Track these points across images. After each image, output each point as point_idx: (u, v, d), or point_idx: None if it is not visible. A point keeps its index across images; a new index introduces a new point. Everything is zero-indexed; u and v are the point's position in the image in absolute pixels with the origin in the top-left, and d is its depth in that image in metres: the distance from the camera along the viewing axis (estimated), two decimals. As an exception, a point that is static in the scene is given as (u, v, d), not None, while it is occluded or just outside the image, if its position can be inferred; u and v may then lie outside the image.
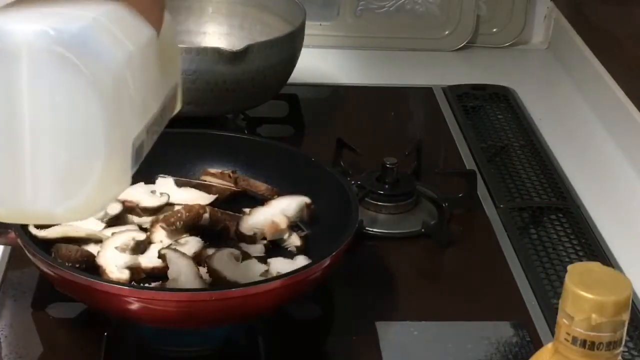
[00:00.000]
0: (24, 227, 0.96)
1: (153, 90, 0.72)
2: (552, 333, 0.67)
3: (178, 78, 0.80)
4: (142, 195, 1.07)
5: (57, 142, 0.63)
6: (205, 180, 1.14)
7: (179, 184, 1.12)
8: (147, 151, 0.71)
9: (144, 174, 1.08)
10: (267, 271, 0.99)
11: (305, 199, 1.08)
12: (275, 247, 1.06)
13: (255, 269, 0.99)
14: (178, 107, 0.81)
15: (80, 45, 0.62)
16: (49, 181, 0.63)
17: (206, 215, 1.04)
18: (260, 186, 1.12)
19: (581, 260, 1.14)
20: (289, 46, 1.31)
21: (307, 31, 1.34)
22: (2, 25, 0.61)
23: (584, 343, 0.63)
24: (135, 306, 0.89)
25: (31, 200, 0.64)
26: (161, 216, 1.05)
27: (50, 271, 0.92)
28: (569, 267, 0.65)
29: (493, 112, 1.48)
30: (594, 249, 1.16)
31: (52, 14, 0.63)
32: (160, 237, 1.03)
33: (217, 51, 1.24)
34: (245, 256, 1.01)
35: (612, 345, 0.64)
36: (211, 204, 1.09)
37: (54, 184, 0.64)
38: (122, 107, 0.64)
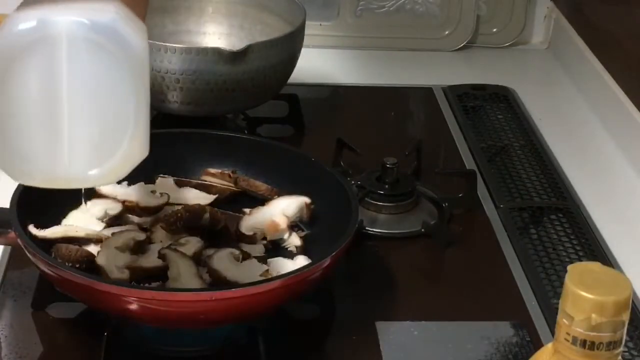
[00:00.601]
0: (24, 227, 0.97)
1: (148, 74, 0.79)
2: (552, 333, 0.67)
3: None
4: (142, 195, 1.07)
5: (92, 116, 0.72)
6: (205, 180, 1.14)
7: (179, 184, 1.12)
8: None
9: (144, 174, 1.09)
10: (267, 271, 0.99)
11: (305, 199, 1.08)
12: (275, 247, 1.06)
13: (255, 269, 0.99)
14: None
15: (112, 34, 0.70)
16: (84, 149, 0.72)
17: (206, 215, 1.04)
18: (260, 186, 1.12)
19: (581, 260, 1.14)
20: (289, 46, 1.31)
21: (307, 31, 1.34)
22: (46, 16, 0.70)
23: (584, 343, 0.63)
24: (135, 306, 0.90)
25: (67, 166, 0.73)
26: (161, 216, 1.05)
27: (50, 271, 0.92)
28: (569, 267, 0.65)
29: (493, 112, 1.48)
30: (594, 249, 1.16)
31: (80, 7, 0.71)
32: (160, 237, 1.03)
33: (217, 51, 1.24)
34: (245, 256, 1.01)
35: (612, 345, 0.64)
36: (211, 204, 1.09)
37: (88, 152, 0.73)
38: (145, 86, 0.73)
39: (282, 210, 1.07)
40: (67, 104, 0.71)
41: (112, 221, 1.06)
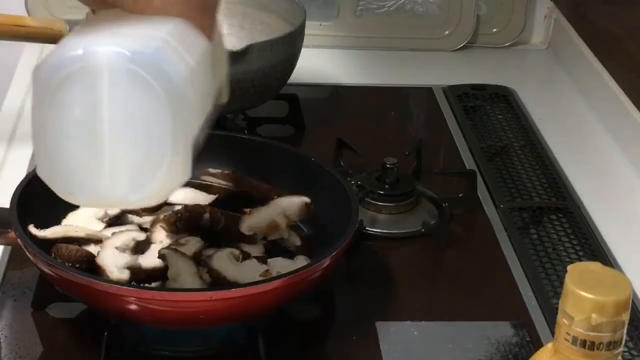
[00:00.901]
0: (24, 227, 0.97)
1: (207, 92, 0.83)
2: (552, 333, 0.67)
3: (225, 74, 0.91)
4: (142, 195, 1.07)
5: (131, 142, 0.74)
6: (205, 180, 1.14)
7: (179, 184, 1.12)
8: (201, 146, 0.82)
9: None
10: (267, 271, 0.99)
11: (305, 199, 1.08)
12: (275, 247, 1.06)
13: (255, 269, 0.99)
14: (224, 100, 0.91)
15: (153, 65, 0.72)
16: (125, 173, 0.75)
17: (206, 215, 1.04)
18: (260, 186, 1.12)
19: (581, 260, 1.14)
20: (289, 46, 1.31)
21: (307, 31, 1.34)
22: (88, 47, 0.72)
23: (584, 343, 0.64)
24: (135, 306, 0.90)
25: (109, 189, 0.75)
26: (161, 216, 1.05)
27: (50, 271, 0.92)
28: (569, 267, 0.65)
29: (493, 112, 1.48)
30: (594, 249, 1.16)
31: (128, 35, 0.74)
32: (160, 237, 1.03)
33: (217, 51, 1.24)
34: (245, 256, 1.01)
35: (612, 345, 0.64)
36: (211, 204, 1.09)
37: (129, 176, 0.75)
38: (184, 114, 0.75)
39: (282, 210, 1.07)
40: (108, 129, 0.73)
41: (112, 221, 1.06)
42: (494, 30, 1.69)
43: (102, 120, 0.73)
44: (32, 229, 0.99)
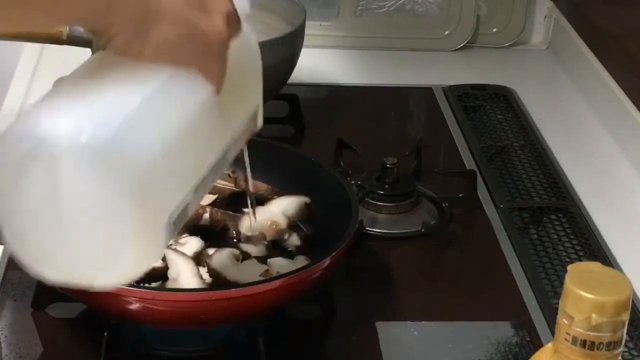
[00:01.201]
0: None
1: (209, 145, 0.76)
2: (552, 333, 0.67)
3: (259, 99, 0.86)
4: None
5: (91, 225, 0.68)
6: (205, 180, 1.13)
7: (179, 184, 1.11)
8: (194, 208, 0.77)
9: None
10: (267, 271, 0.99)
11: (305, 199, 1.08)
12: (275, 247, 1.06)
13: (255, 269, 0.99)
14: (259, 127, 0.87)
15: (113, 146, 0.66)
16: (86, 255, 0.70)
17: (206, 215, 1.04)
18: (260, 186, 1.12)
19: (581, 260, 1.14)
20: (289, 46, 1.31)
21: (307, 31, 1.34)
22: (48, 121, 0.67)
23: (584, 343, 0.64)
24: (135, 306, 0.89)
25: (73, 269, 0.71)
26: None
27: (50, 271, 0.92)
28: (569, 267, 0.65)
29: (493, 112, 1.48)
30: (594, 249, 1.16)
31: (97, 101, 0.68)
32: (160, 237, 1.03)
33: (217, 51, 1.24)
34: (245, 256, 1.01)
35: (612, 345, 0.64)
36: (211, 204, 1.09)
37: (91, 258, 0.70)
38: (154, 194, 0.69)
39: (282, 210, 1.07)
40: (67, 209, 0.68)
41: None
42: (494, 30, 1.69)
43: (60, 200, 0.68)
44: (32, 229, 0.98)
